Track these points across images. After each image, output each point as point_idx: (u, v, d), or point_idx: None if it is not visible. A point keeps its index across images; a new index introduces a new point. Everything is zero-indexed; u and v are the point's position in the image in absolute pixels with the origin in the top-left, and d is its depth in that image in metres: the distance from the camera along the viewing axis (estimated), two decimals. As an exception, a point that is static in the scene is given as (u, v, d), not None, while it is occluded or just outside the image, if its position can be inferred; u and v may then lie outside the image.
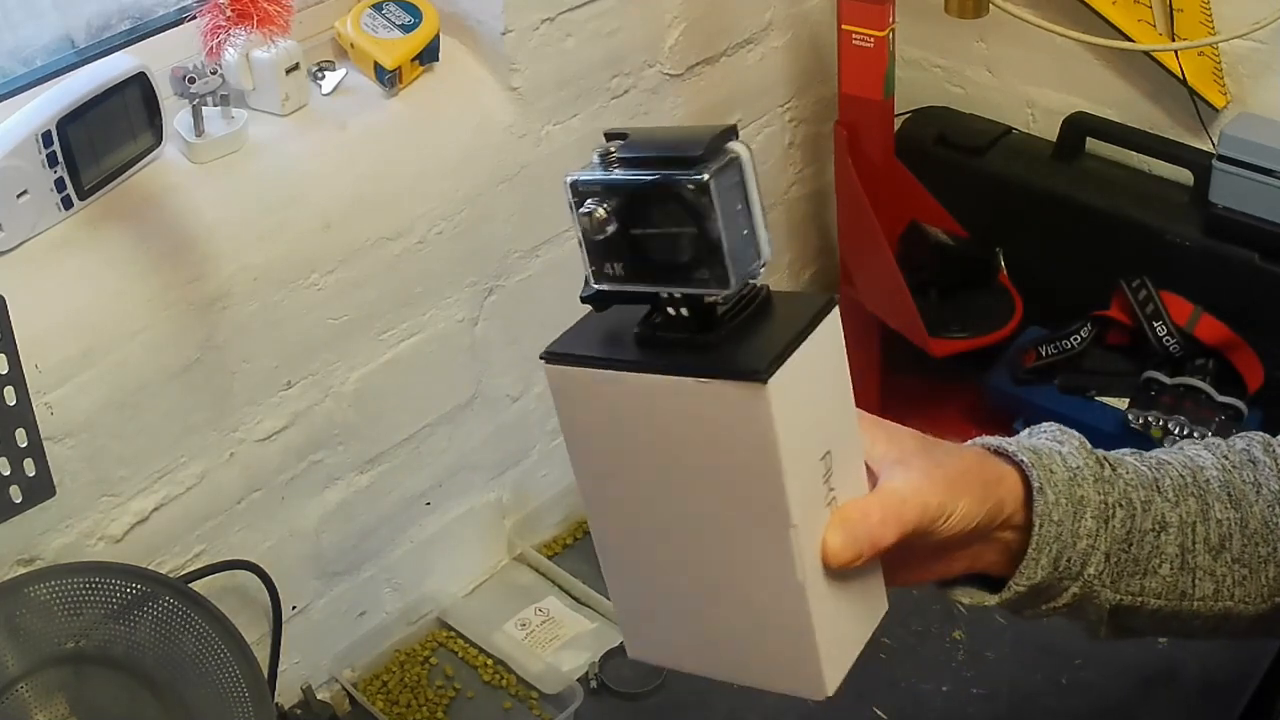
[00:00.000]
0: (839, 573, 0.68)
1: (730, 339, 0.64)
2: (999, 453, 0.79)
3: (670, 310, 0.65)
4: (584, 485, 0.71)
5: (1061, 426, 0.84)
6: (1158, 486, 0.83)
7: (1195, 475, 0.85)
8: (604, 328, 0.67)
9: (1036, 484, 0.77)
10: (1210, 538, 0.83)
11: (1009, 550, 0.79)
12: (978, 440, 0.81)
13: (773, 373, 0.62)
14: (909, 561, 0.76)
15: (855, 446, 0.71)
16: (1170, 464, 0.86)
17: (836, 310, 0.66)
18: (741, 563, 0.68)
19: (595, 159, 0.64)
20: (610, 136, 0.65)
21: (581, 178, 0.63)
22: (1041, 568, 0.78)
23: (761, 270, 0.64)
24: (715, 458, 0.65)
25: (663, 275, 0.63)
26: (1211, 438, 0.90)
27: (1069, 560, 0.79)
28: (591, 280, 0.66)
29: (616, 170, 0.63)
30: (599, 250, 0.64)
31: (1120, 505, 0.81)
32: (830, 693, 0.71)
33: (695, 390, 0.63)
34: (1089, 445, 0.82)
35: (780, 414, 0.62)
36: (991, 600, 0.80)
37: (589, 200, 0.63)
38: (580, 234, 0.64)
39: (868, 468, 0.73)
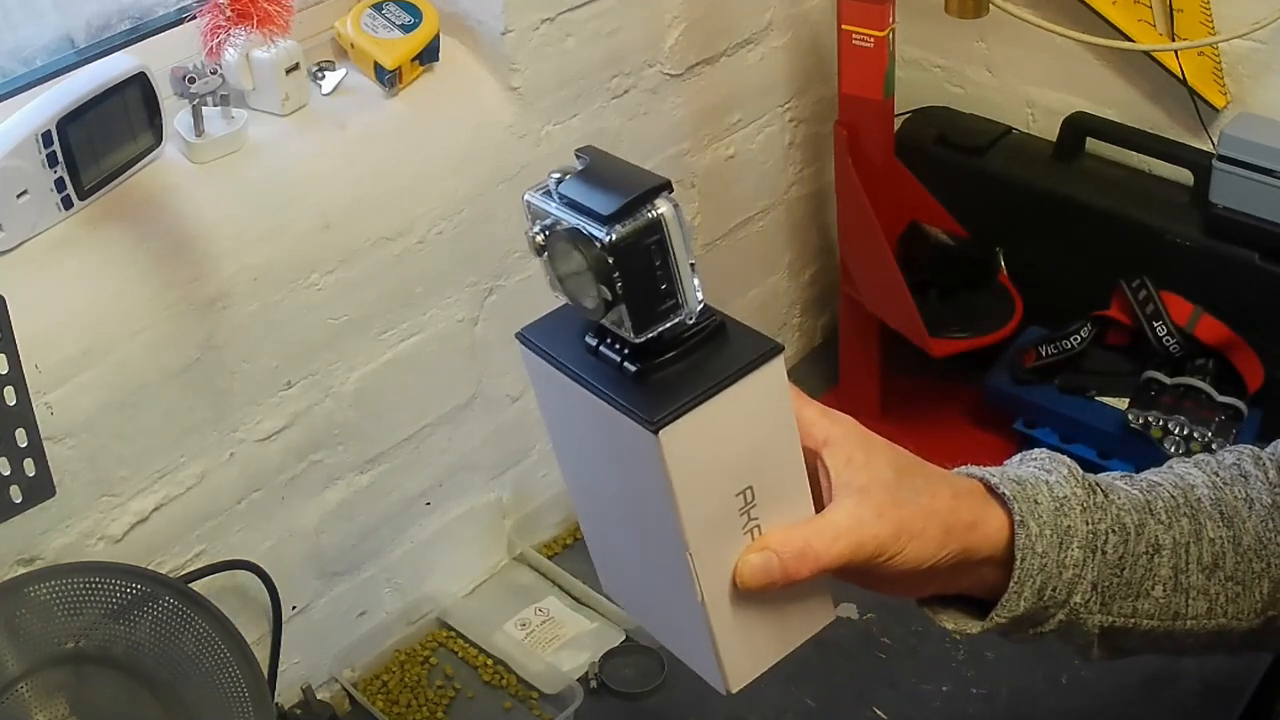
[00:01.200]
0: (756, 592, 0.71)
1: (655, 371, 0.66)
2: (986, 484, 0.79)
3: (603, 340, 0.67)
4: (554, 442, 0.76)
5: (1052, 454, 0.83)
6: (1150, 509, 0.83)
7: (1186, 495, 0.85)
8: (578, 320, 0.69)
9: (1018, 517, 0.77)
10: (1203, 557, 0.83)
11: (987, 583, 0.79)
12: (963, 470, 0.81)
13: (668, 423, 0.64)
14: (870, 580, 0.76)
15: (793, 479, 0.71)
16: (1161, 485, 0.85)
17: (779, 359, 0.67)
18: (660, 564, 0.71)
19: (550, 182, 0.66)
20: (580, 155, 0.67)
21: (533, 201, 0.66)
22: (1025, 599, 0.77)
23: (690, 319, 0.66)
24: (631, 473, 0.68)
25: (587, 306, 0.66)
26: (1201, 454, 0.90)
27: (1054, 590, 0.78)
28: (550, 286, 0.68)
29: (555, 202, 0.65)
30: (548, 265, 0.67)
31: (1113, 531, 0.80)
32: (733, 691, 0.75)
33: (608, 414, 0.66)
34: (1079, 472, 0.82)
35: (675, 458, 0.65)
36: (975, 629, 0.80)
37: (536, 222, 0.66)
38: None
39: (832, 485, 0.73)
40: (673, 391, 0.65)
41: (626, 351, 0.66)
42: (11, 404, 0.96)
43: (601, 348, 0.67)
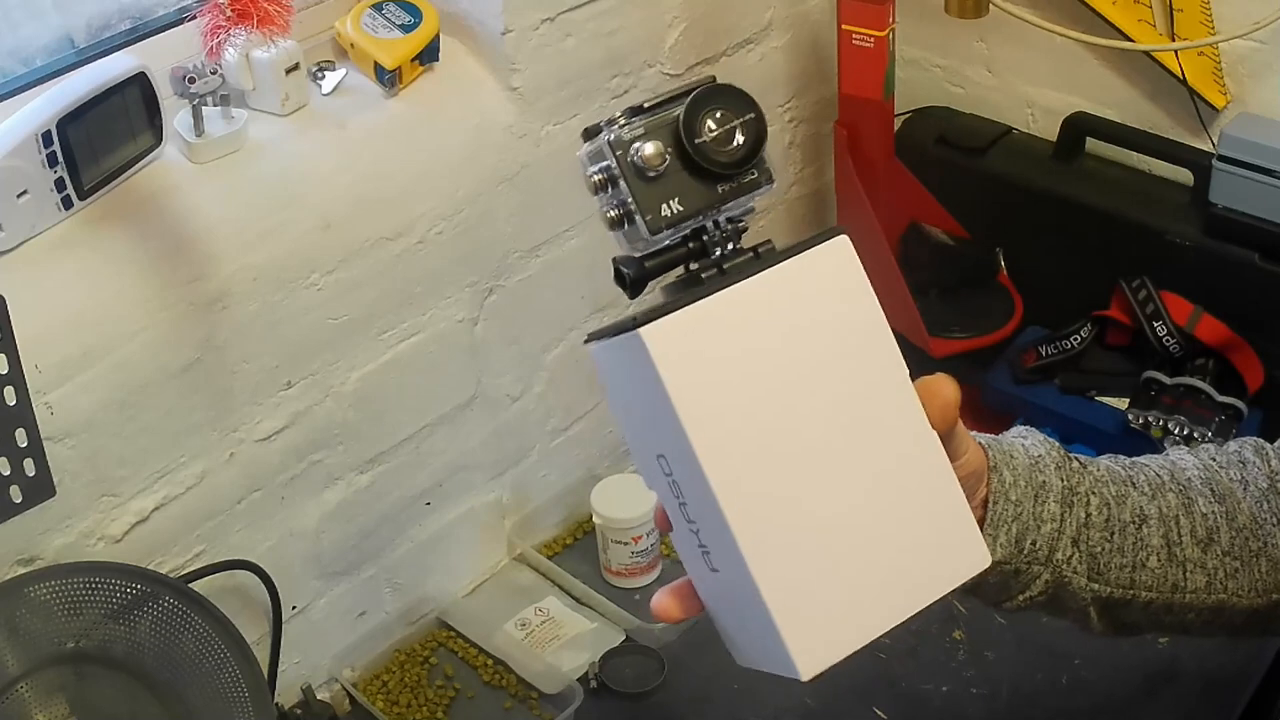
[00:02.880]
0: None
1: (773, 253, 0.68)
2: None
3: (716, 250, 0.68)
4: (720, 473, 0.65)
5: (1029, 427, 0.85)
6: (1132, 482, 0.85)
7: (1175, 474, 0.87)
8: (642, 311, 0.67)
9: (992, 463, 0.79)
10: (1197, 530, 0.84)
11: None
12: None
13: (841, 231, 0.67)
14: None
15: None
16: (1148, 465, 0.87)
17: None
18: (880, 447, 0.68)
19: (608, 121, 0.67)
20: (589, 132, 0.68)
21: (622, 132, 0.66)
22: (1000, 545, 0.79)
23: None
24: (823, 339, 0.67)
25: (719, 191, 0.67)
26: (1204, 444, 0.91)
27: (1034, 544, 0.80)
28: (648, 232, 0.67)
29: (642, 116, 0.67)
30: (654, 193, 0.67)
31: (1093, 494, 0.82)
32: (991, 558, 0.70)
33: (786, 274, 0.66)
34: (1055, 442, 0.84)
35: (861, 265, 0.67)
36: None
37: (635, 143, 0.66)
38: (629, 192, 0.66)
39: None
40: (806, 242, 0.68)
41: (739, 253, 0.68)
42: (11, 404, 0.96)
43: (707, 267, 0.67)
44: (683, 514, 0.68)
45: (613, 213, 0.67)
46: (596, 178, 0.67)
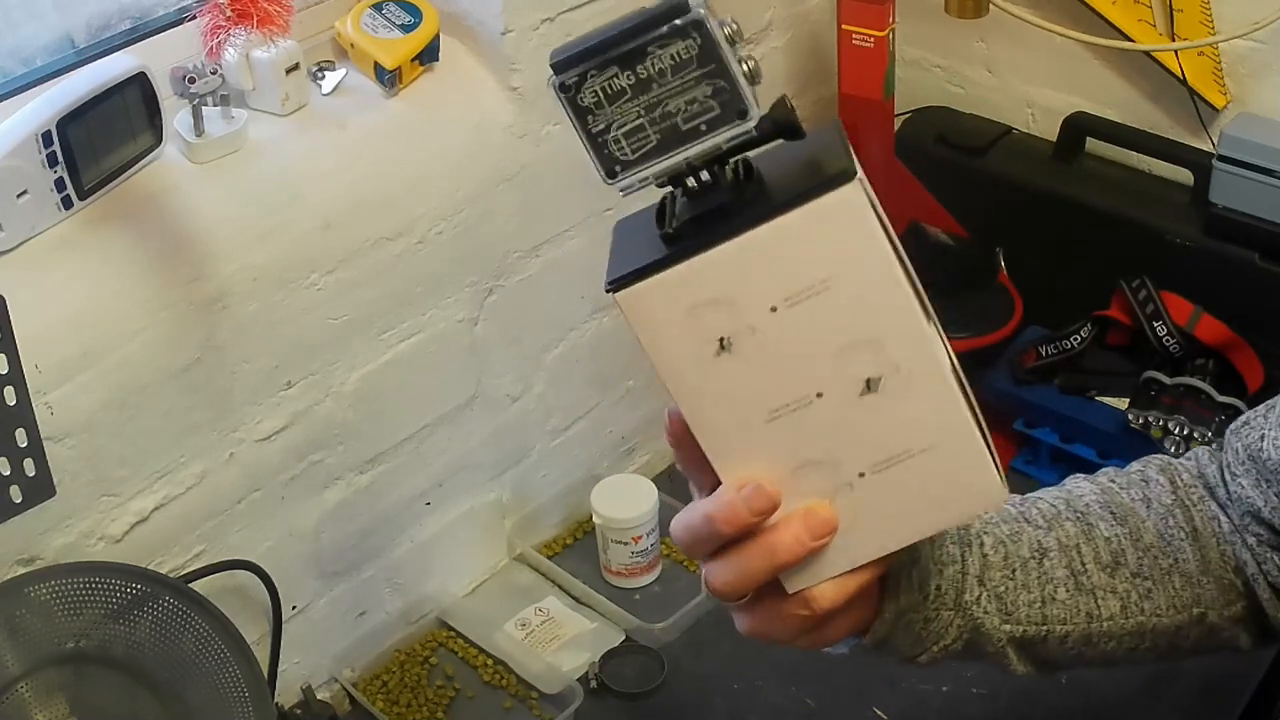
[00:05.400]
0: None
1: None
2: None
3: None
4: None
5: None
6: (1025, 518, 0.84)
7: (1070, 502, 0.86)
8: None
9: None
10: (1100, 556, 0.84)
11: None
12: None
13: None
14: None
15: None
16: (1041, 499, 0.87)
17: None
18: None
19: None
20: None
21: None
22: (904, 593, 0.77)
23: None
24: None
25: None
26: (1103, 468, 0.91)
27: (939, 588, 0.78)
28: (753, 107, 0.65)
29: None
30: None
31: (985, 534, 0.82)
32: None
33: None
34: None
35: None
36: (866, 638, 0.78)
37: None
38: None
39: None
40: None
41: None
42: (11, 404, 0.96)
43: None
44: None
45: (751, 64, 0.64)
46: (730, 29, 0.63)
